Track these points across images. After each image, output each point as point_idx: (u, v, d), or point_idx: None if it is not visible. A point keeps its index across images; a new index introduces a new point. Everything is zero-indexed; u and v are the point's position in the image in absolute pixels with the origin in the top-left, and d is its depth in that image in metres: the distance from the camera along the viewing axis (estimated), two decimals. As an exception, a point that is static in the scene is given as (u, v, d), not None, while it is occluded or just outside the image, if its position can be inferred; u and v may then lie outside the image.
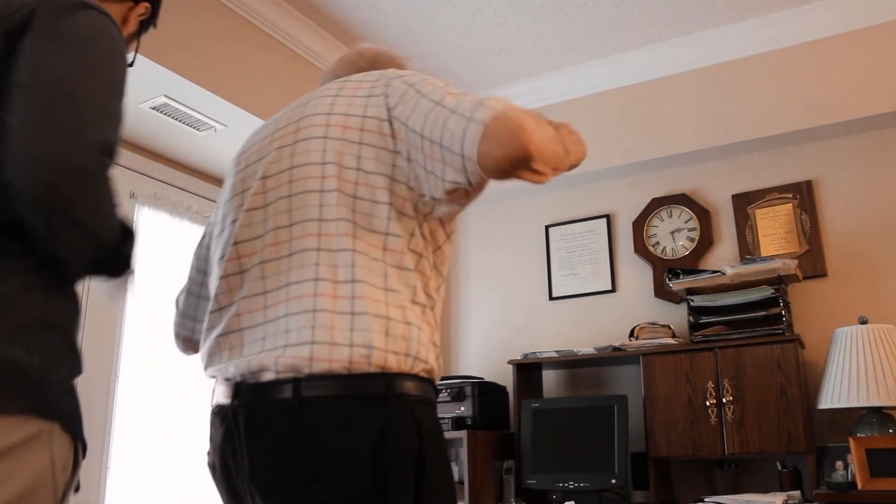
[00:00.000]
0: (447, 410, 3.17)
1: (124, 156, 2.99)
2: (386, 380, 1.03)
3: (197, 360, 1.31)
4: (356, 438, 1.00)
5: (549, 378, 3.53)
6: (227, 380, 1.10)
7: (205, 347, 1.18)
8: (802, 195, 3.17)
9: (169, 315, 1.47)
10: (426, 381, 1.10)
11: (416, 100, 1.11)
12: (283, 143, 1.18)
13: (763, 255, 3.13)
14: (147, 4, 1.34)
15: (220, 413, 1.12)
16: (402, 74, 1.18)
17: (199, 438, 2.95)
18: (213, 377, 1.17)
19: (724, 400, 2.78)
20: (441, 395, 3.20)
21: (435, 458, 1.04)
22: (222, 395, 1.12)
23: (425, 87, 1.12)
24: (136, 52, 1.37)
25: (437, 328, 1.14)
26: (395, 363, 1.03)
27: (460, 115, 1.04)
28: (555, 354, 3.22)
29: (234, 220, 1.19)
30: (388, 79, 1.18)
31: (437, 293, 1.15)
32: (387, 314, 1.04)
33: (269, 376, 1.03)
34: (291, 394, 1.01)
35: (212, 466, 1.16)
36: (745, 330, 2.86)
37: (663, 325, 3.10)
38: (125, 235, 1.08)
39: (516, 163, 0.99)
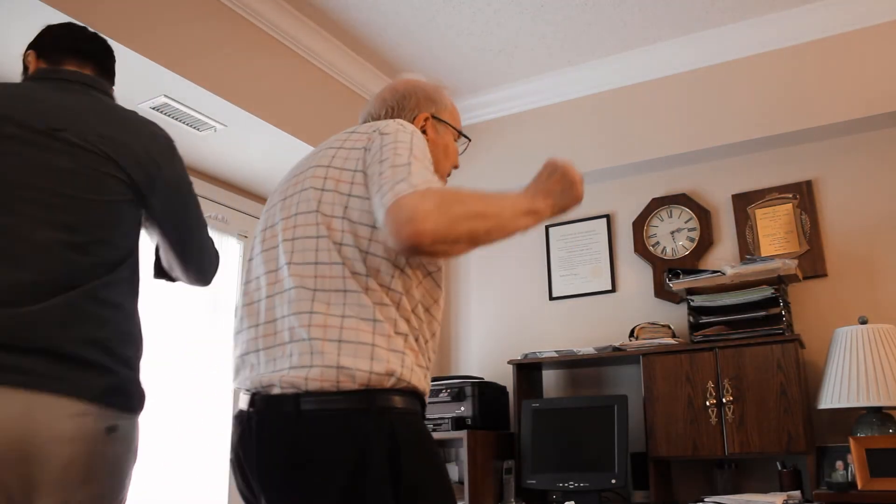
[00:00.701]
0: (447, 410, 3.17)
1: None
2: (369, 395, 1.17)
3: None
4: (341, 446, 1.15)
5: (549, 378, 3.53)
6: (247, 391, 1.29)
7: (232, 364, 1.37)
8: (802, 195, 3.17)
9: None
10: (410, 395, 1.23)
11: (377, 161, 1.23)
12: (294, 191, 1.34)
13: (763, 255, 3.13)
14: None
15: (239, 417, 1.30)
16: (385, 131, 1.29)
17: (198, 436, 2.95)
18: (237, 388, 1.35)
19: (724, 400, 2.78)
20: (441, 395, 3.20)
21: (413, 465, 1.17)
22: (243, 403, 1.30)
23: (386, 151, 1.23)
24: None
25: (422, 353, 1.27)
26: (377, 382, 1.18)
27: (380, 195, 1.17)
28: (555, 354, 3.21)
29: (259, 254, 1.36)
30: (376, 133, 1.30)
31: (422, 322, 1.28)
32: (372, 342, 1.19)
33: (276, 391, 1.21)
34: (292, 406, 1.18)
35: (231, 462, 1.33)
36: (745, 330, 2.86)
37: (663, 325, 3.10)
38: None
39: (407, 250, 1.12)
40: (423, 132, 1.47)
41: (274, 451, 1.20)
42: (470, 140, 1.61)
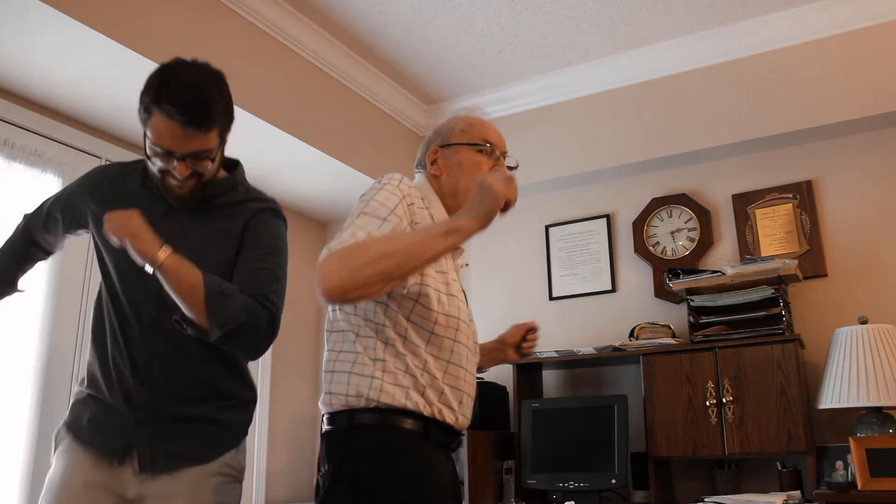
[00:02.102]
0: (447, 410, 3.17)
1: (124, 155, 2.99)
2: (349, 415, 1.41)
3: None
4: (329, 460, 1.41)
5: (549, 378, 3.53)
6: None
7: None
8: (802, 195, 3.17)
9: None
10: (387, 412, 1.40)
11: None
12: None
13: (763, 255, 3.13)
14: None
15: None
16: (365, 192, 1.49)
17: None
18: None
19: (724, 400, 2.78)
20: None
21: (372, 479, 1.35)
22: None
23: (353, 214, 1.42)
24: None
25: (408, 373, 1.42)
26: (355, 403, 1.41)
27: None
28: (555, 354, 3.21)
29: None
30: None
31: (416, 346, 1.44)
32: (350, 370, 1.43)
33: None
34: (319, 426, 1.50)
35: None
36: (745, 330, 2.86)
37: (663, 325, 3.10)
38: None
39: (329, 304, 1.42)
40: (435, 163, 1.64)
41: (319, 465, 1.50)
42: (489, 144, 1.65)
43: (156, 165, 1.56)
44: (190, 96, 1.48)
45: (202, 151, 1.54)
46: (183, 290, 1.47)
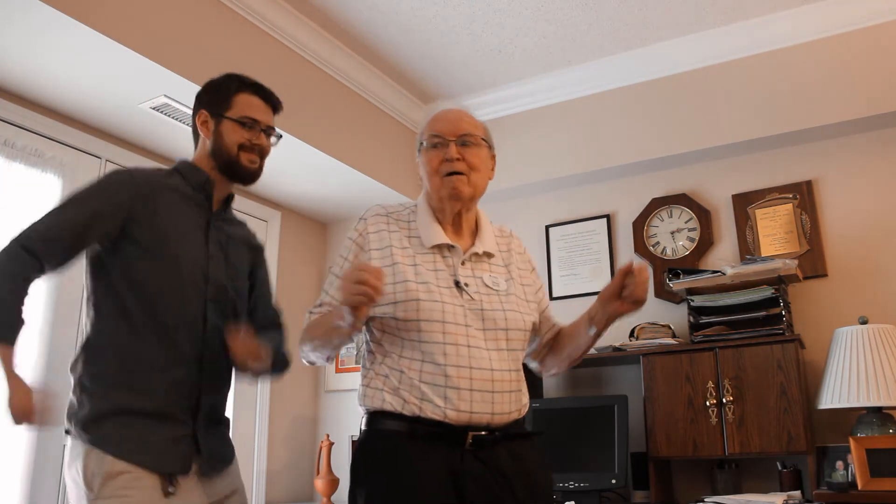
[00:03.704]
0: (447, 410, 3.17)
1: (124, 155, 2.99)
2: (363, 421, 1.63)
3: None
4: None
5: (549, 378, 3.53)
6: None
7: None
8: (802, 195, 3.17)
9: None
10: (376, 415, 1.57)
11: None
12: None
13: (763, 255, 3.13)
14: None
15: None
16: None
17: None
18: None
19: (724, 400, 2.78)
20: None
21: (359, 473, 1.55)
22: None
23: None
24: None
25: (392, 377, 1.55)
26: (362, 412, 1.63)
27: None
28: (555, 354, 3.21)
29: None
30: None
31: (399, 353, 1.57)
32: (361, 383, 1.64)
33: None
34: None
35: None
36: (746, 330, 2.86)
37: (663, 325, 3.10)
38: None
39: None
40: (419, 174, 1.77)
41: None
42: (436, 137, 1.66)
43: (237, 141, 1.80)
44: (264, 87, 1.91)
45: (272, 129, 1.88)
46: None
